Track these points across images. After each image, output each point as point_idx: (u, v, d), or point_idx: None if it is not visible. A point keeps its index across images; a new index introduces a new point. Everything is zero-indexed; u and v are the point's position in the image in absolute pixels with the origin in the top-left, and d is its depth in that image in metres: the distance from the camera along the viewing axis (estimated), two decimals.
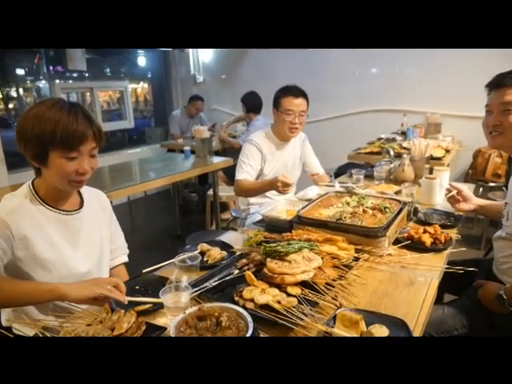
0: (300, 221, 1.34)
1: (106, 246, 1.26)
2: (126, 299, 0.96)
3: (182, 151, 3.90)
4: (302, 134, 2.29)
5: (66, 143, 0.98)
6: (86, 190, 1.23)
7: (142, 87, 6.03)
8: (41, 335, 0.86)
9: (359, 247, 1.24)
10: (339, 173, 3.73)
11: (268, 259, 1.08)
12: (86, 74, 4.67)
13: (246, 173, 2.10)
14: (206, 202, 3.56)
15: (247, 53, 4.66)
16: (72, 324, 0.90)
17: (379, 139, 3.46)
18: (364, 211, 1.40)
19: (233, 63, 4.87)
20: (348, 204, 1.46)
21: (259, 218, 2.04)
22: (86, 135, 1.00)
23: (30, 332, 1.01)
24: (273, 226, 1.49)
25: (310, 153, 2.31)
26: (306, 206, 1.47)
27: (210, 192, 3.39)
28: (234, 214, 2.89)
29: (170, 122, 4.74)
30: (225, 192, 3.50)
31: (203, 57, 5.13)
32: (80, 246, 1.16)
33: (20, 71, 4.93)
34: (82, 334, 0.82)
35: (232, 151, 4.08)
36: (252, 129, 3.71)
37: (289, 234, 1.29)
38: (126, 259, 1.38)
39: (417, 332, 0.87)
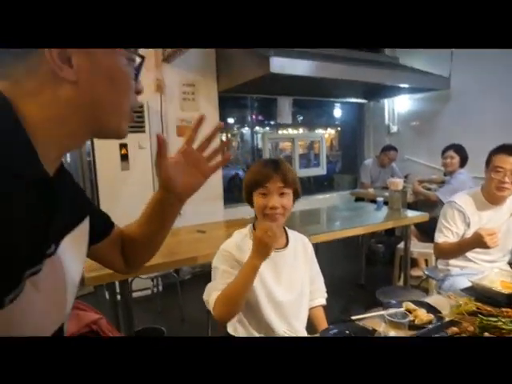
0: None
1: (305, 285, 1.41)
2: None
3: (372, 201, 3.94)
4: None
5: (257, 182, 1.27)
6: (292, 233, 1.45)
7: (329, 133, 6.42)
8: None
9: None
10: None
11: (486, 334, 1.02)
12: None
13: (445, 237, 2.02)
14: (394, 255, 3.45)
15: (450, 100, 4.42)
16: None
17: None
18: None
19: (431, 111, 4.69)
20: None
21: (462, 283, 1.90)
22: (271, 175, 1.26)
23: None
24: (485, 296, 1.37)
25: None
26: None
27: (400, 245, 3.29)
28: (427, 273, 2.73)
29: (361, 171, 4.85)
30: (416, 248, 3.33)
31: (398, 107, 5.13)
32: (282, 280, 1.34)
33: (230, 120, 6.01)
34: None
35: (427, 204, 3.87)
36: (454, 182, 3.47)
37: (510, 310, 1.17)
38: (324, 302, 1.51)
39: None
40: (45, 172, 0.55)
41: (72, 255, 0.62)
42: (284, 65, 3.10)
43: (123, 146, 3.23)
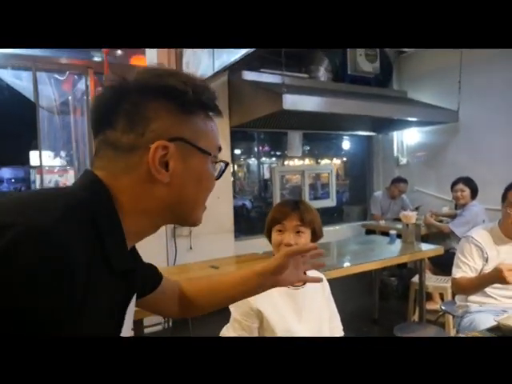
0: None
1: (325, 323, 1.41)
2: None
3: (383, 233, 3.93)
4: None
5: (275, 219, 1.33)
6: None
7: (335, 163, 6.48)
8: None
9: None
10: None
11: None
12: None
13: (463, 273, 2.01)
14: (408, 289, 3.40)
15: (458, 132, 4.48)
16: None
17: None
18: None
19: (439, 144, 4.74)
20: None
21: (482, 319, 1.88)
22: (288, 213, 1.30)
23: None
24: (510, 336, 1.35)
25: None
26: None
27: (414, 279, 3.25)
28: (443, 308, 2.68)
29: (371, 203, 4.86)
30: (430, 281, 3.29)
31: (407, 139, 5.20)
32: (303, 317, 1.34)
33: (237, 151, 6.11)
34: None
35: (439, 236, 3.86)
36: (467, 214, 3.47)
37: None
38: None
39: None
40: (131, 264, 0.61)
41: (127, 325, 0.65)
42: (296, 101, 3.18)
43: None
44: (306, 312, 1.35)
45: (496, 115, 4.10)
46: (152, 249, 3.37)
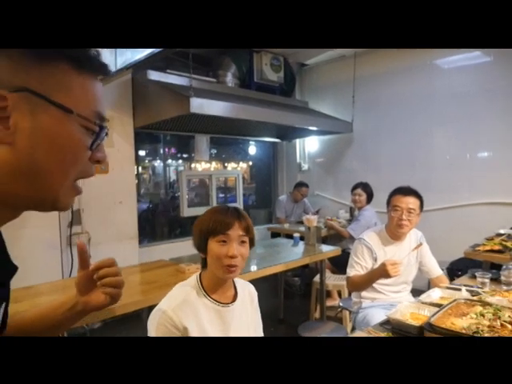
0: (433, 329, 1.35)
1: (254, 335, 1.37)
2: None
3: (287, 235, 4.11)
4: (419, 232, 2.32)
5: (217, 229, 1.21)
6: (238, 283, 1.38)
7: (241, 167, 6.62)
8: None
9: None
10: (452, 268, 3.54)
11: None
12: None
13: (356, 271, 2.22)
14: (311, 289, 3.60)
15: (352, 142, 4.91)
16: None
17: (498, 235, 3.24)
18: (502, 325, 1.35)
19: (337, 152, 5.15)
20: (483, 316, 1.42)
21: (374, 314, 2.07)
22: (232, 223, 1.21)
23: None
24: (400, 330, 1.50)
25: (426, 252, 2.30)
26: (436, 313, 1.46)
27: (316, 278, 3.45)
28: (341, 305, 2.90)
29: (276, 206, 5.05)
30: (329, 280, 3.53)
31: (309, 146, 5.53)
32: (230, 336, 1.26)
33: (142, 152, 5.86)
34: None
35: (337, 238, 4.17)
36: (362, 218, 3.81)
37: None
38: None
39: None
40: None
41: None
42: (203, 105, 3.16)
43: None
44: (233, 330, 1.28)
45: (382, 127, 4.60)
46: (45, 260, 3.06)
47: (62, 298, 0.78)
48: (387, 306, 2.13)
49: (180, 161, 6.91)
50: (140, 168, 5.90)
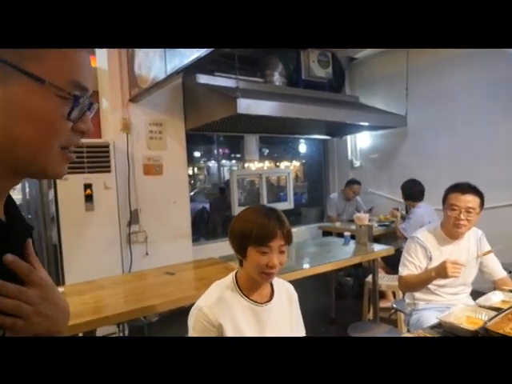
0: (488, 335, 1.26)
1: (292, 335, 1.35)
2: None
3: (339, 234, 4.02)
4: (479, 231, 2.16)
5: (259, 240, 1.18)
6: (276, 283, 1.36)
7: (294, 165, 6.59)
8: None
9: None
10: None
11: None
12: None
13: (409, 271, 2.10)
14: (363, 289, 3.50)
15: (406, 137, 4.69)
16: None
17: None
18: None
19: (390, 147, 4.95)
20: None
21: (428, 317, 1.97)
22: (275, 234, 1.18)
23: None
24: (452, 334, 1.42)
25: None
26: (494, 317, 1.36)
27: (368, 278, 3.35)
28: (395, 306, 2.78)
29: (327, 204, 4.97)
30: (383, 280, 3.41)
31: (361, 143, 5.37)
32: (266, 335, 1.25)
33: (197, 154, 6.04)
34: None
35: (390, 237, 4.01)
36: (413, 216, 3.63)
37: None
38: None
39: None
40: None
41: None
42: (250, 105, 3.19)
43: (87, 186, 3.15)
44: (269, 331, 1.26)
45: (439, 119, 4.33)
46: (107, 257, 3.28)
47: None
48: (443, 308, 2.01)
49: (233, 161, 7.05)
50: (196, 169, 6.09)
